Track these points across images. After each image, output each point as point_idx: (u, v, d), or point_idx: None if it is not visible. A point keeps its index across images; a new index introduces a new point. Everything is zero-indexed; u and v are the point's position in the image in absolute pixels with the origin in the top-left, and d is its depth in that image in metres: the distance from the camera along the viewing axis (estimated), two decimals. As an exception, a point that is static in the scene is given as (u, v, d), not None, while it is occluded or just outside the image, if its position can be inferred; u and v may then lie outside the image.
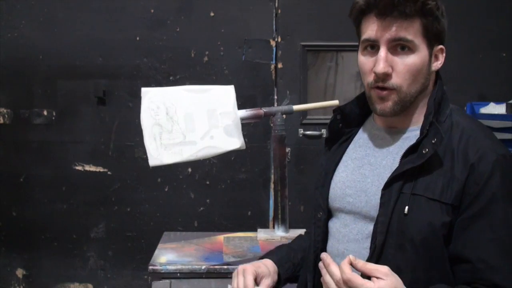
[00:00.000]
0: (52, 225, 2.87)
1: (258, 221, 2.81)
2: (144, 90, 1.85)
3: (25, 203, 2.87)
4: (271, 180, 2.84)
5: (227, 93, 1.85)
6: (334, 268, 0.96)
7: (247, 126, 2.69)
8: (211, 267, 1.78)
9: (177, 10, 2.80)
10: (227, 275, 1.77)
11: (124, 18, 2.80)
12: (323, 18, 2.75)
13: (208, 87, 1.87)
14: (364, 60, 1.09)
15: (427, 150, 1.02)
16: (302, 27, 2.77)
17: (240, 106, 1.85)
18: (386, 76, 1.05)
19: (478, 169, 0.99)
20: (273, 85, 2.83)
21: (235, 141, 1.83)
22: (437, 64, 1.12)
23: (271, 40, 2.80)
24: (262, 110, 1.99)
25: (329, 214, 1.21)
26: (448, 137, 1.05)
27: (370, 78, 1.07)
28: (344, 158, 1.21)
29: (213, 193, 2.85)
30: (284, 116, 2.09)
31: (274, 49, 2.81)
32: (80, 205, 2.87)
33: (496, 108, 2.45)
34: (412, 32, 1.04)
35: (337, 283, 0.94)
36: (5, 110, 2.85)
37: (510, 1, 2.81)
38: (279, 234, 2.10)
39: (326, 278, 0.97)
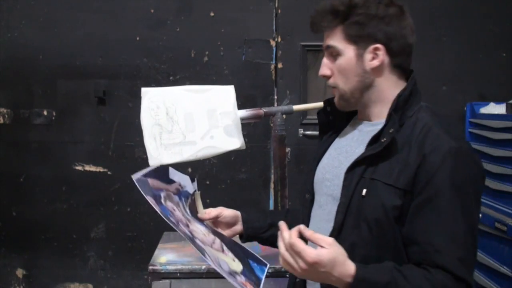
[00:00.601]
0: (52, 225, 2.87)
1: (258, 221, 2.80)
2: (144, 90, 1.84)
3: (25, 203, 2.87)
4: (271, 180, 2.84)
5: (227, 93, 1.84)
6: (285, 234, 1.07)
7: (247, 126, 2.69)
8: (211, 267, 1.78)
9: (177, 10, 2.80)
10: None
11: (124, 18, 2.80)
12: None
13: (208, 87, 1.86)
14: None
15: (385, 139, 1.13)
16: (302, 27, 2.76)
17: (240, 106, 1.84)
18: (325, 78, 1.25)
19: (430, 159, 1.08)
20: (273, 85, 2.83)
21: (235, 141, 1.83)
22: (374, 62, 1.19)
23: (271, 40, 2.80)
24: (262, 110, 1.99)
25: (313, 196, 1.34)
26: (410, 130, 1.15)
27: None
28: (330, 147, 1.34)
29: (213, 193, 2.85)
30: (284, 116, 2.09)
31: (274, 49, 2.81)
32: (80, 205, 2.87)
33: (496, 108, 2.45)
34: (334, 39, 1.20)
35: (285, 246, 1.06)
36: (5, 110, 2.85)
37: (510, 1, 2.81)
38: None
39: (279, 242, 1.08)
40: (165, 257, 1.88)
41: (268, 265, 1.50)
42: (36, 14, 2.80)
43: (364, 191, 1.13)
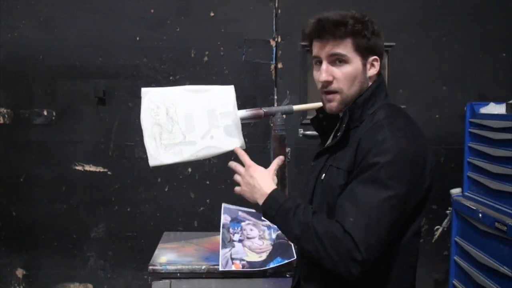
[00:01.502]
0: (52, 225, 2.87)
1: (258, 221, 2.81)
2: (144, 90, 1.84)
3: (25, 203, 2.87)
4: (271, 180, 2.83)
5: (227, 93, 1.84)
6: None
7: (247, 126, 2.69)
8: (211, 267, 1.78)
9: (177, 10, 2.80)
10: (227, 275, 1.77)
11: (124, 18, 2.80)
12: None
13: (208, 87, 1.86)
14: (315, 72, 1.41)
15: (339, 133, 1.35)
16: (302, 27, 2.76)
17: (240, 106, 1.85)
18: (328, 83, 1.36)
19: (363, 143, 1.27)
20: (273, 85, 2.83)
21: (235, 141, 1.83)
22: (372, 71, 1.38)
23: (271, 40, 2.80)
24: (262, 110, 1.99)
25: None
26: (366, 127, 1.32)
27: (319, 86, 1.39)
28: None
29: (213, 193, 2.85)
30: (284, 116, 2.09)
31: (274, 49, 2.81)
32: (80, 205, 2.87)
33: (496, 108, 2.45)
34: (344, 48, 1.33)
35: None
36: (5, 110, 2.86)
37: (510, 1, 2.81)
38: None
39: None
40: (165, 257, 1.87)
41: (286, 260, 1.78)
42: (36, 14, 2.80)
43: (323, 175, 1.37)
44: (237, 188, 1.51)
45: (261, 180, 1.43)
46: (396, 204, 1.21)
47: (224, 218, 2.00)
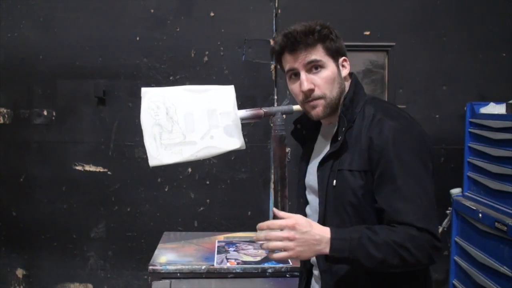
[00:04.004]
0: (52, 225, 2.87)
1: (258, 221, 2.77)
2: (144, 90, 1.84)
3: (25, 203, 2.87)
4: (271, 180, 2.84)
5: (227, 93, 1.84)
6: (261, 225, 1.31)
7: (247, 126, 2.69)
8: (211, 267, 1.78)
9: (177, 10, 2.80)
10: (227, 275, 1.77)
11: (124, 18, 2.80)
12: (323, 18, 2.74)
13: (208, 87, 1.86)
14: (292, 85, 1.43)
15: (340, 137, 1.36)
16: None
17: (240, 106, 1.84)
18: (310, 92, 1.38)
19: (375, 141, 1.30)
20: (273, 85, 2.83)
21: (235, 141, 1.83)
22: (345, 71, 1.43)
23: (271, 40, 2.80)
24: (262, 110, 1.99)
25: (306, 199, 1.56)
26: (360, 123, 1.36)
27: (300, 97, 1.41)
28: (312, 154, 1.56)
29: (213, 193, 2.85)
30: (284, 116, 2.09)
31: (274, 49, 2.80)
32: (80, 205, 2.87)
33: (496, 108, 2.45)
34: (317, 54, 1.38)
35: (266, 227, 1.28)
36: (5, 110, 2.85)
37: (510, 1, 2.81)
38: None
39: (263, 244, 1.26)
40: (165, 257, 1.87)
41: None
42: (36, 14, 2.80)
43: (334, 181, 1.35)
44: (283, 254, 1.23)
45: (315, 229, 1.24)
46: (431, 178, 1.29)
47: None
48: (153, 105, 1.81)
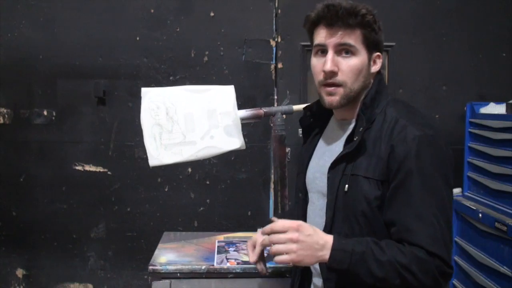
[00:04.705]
0: (52, 225, 2.87)
1: (258, 221, 2.81)
2: (144, 90, 1.85)
3: (25, 203, 2.87)
4: (271, 180, 2.84)
5: (227, 93, 1.85)
6: (263, 229, 1.25)
7: (247, 126, 2.69)
8: (211, 267, 1.78)
9: (177, 10, 2.80)
10: (227, 275, 1.77)
11: (124, 18, 2.80)
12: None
13: (208, 87, 1.87)
14: (316, 62, 1.32)
15: (356, 137, 1.25)
16: (302, 27, 2.76)
17: (240, 106, 1.85)
18: (333, 74, 1.27)
19: (397, 149, 1.20)
20: (273, 85, 2.83)
21: (235, 141, 1.83)
22: (375, 68, 1.33)
23: (271, 40, 2.80)
24: (262, 110, 1.99)
25: (306, 195, 1.47)
26: (380, 125, 1.26)
27: (320, 77, 1.30)
28: (316, 148, 1.46)
29: (213, 193, 2.85)
30: (284, 116, 2.09)
31: (274, 49, 2.81)
32: (80, 205, 2.87)
33: (496, 108, 2.45)
34: (354, 39, 1.26)
35: (268, 231, 1.22)
36: (5, 110, 2.85)
37: (510, 1, 2.81)
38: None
39: (263, 239, 1.25)
40: (165, 257, 1.87)
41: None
42: (36, 14, 2.80)
43: (346, 186, 1.25)
44: (285, 257, 1.17)
45: (319, 234, 1.18)
46: (451, 198, 1.22)
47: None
48: (153, 105, 1.81)
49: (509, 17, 2.80)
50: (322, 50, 1.30)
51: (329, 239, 1.17)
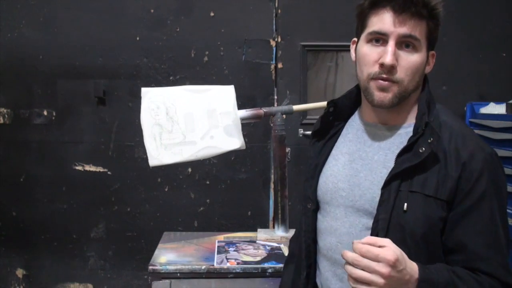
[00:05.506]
0: (52, 225, 2.87)
1: (258, 221, 2.81)
2: (144, 90, 1.85)
3: (25, 203, 2.87)
4: (271, 180, 2.84)
5: (227, 93, 1.85)
6: (350, 254, 0.99)
7: (247, 126, 2.69)
8: (211, 267, 1.78)
9: (177, 10, 2.80)
10: (227, 275, 1.77)
11: (124, 18, 2.80)
12: (323, 18, 2.75)
13: (208, 87, 1.87)
14: (369, 50, 1.13)
15: (423, 149, 1.08)
16: (302, 27, 2.76)
17: (240, 106, 1.85)
18: (392, 69, 1.09)
19: (470, 167, 1.07)
20: (273, 85, 2.83)
21: (235, 141, 1.84)
22: (428, 68, 1.17)
23: (271, 40, 2.80)
24: (262, 110, 1.99)
25: (317, 205, 1.27)
26: (447, 139, 1.11)
27: (374, 69, 1.11)
28: (334, 151, 1.26)
29: (213, 193, 2.85)
30: (284, 116, 2.09)
31: (274, 49, 2.81)
32: (80, 205, 2.87)
33: (496, 108, 2.45)
34: (419, 32, 1.09)
35: (356, 260, 0.97)
36: (5, 110, 2.85)
37: (510, 1, 2.81)
38: (279, 234, 2.10)
39: (348, 267, 0.99)
40: (165, 257, 1.87)
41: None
42: (36, 14, 2.80)
43: (405, 205, 1.07)
44: None
45: (408, 266, 1.00)
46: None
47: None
48: (153, 105, 1.81)
49: (509, 17, 2.80)
50: (378, 39, 1.11)
51: (414, 270, 1.00)
